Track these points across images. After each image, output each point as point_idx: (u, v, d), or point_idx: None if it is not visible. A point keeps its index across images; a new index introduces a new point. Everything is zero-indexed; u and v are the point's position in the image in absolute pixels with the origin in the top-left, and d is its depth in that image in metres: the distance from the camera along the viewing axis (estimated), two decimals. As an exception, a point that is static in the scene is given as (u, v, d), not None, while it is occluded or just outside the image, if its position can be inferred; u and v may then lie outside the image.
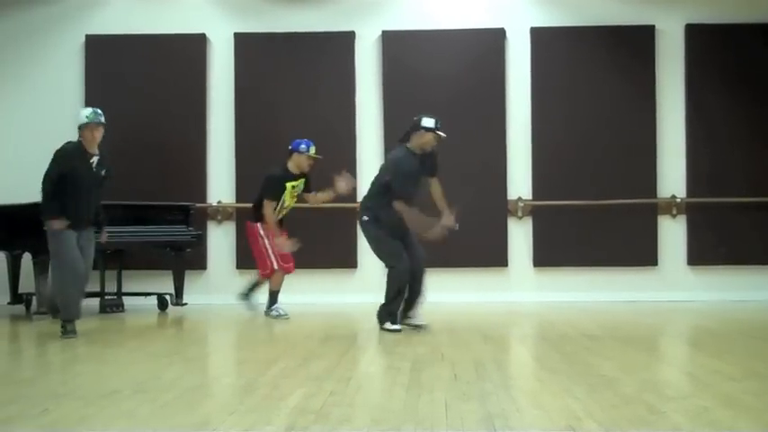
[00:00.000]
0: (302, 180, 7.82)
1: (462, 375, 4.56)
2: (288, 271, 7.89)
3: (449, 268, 8.96)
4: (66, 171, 6.39)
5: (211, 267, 9.63)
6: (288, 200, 7.78)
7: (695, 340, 6.68)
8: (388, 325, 6.62)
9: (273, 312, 7.82)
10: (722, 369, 4.74)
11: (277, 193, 7.66)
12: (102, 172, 6.58)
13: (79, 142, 6.54)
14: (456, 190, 9.03)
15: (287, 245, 7.61)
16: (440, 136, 6.74)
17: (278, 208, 7.71)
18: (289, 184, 7.71)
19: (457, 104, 9.40)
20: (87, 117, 6.53)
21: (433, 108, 9.38)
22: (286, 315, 7.75)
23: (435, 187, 6.87)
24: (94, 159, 6.55)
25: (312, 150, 7.78)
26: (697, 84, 9.48)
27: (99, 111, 6.61)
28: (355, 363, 5.26)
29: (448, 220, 6.60)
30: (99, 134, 6.56)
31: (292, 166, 7.75)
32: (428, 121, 6.77)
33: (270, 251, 7.77)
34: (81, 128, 6.55)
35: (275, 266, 7.79)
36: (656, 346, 6.38)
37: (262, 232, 7.78)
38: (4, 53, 9.81)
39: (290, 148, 7.79)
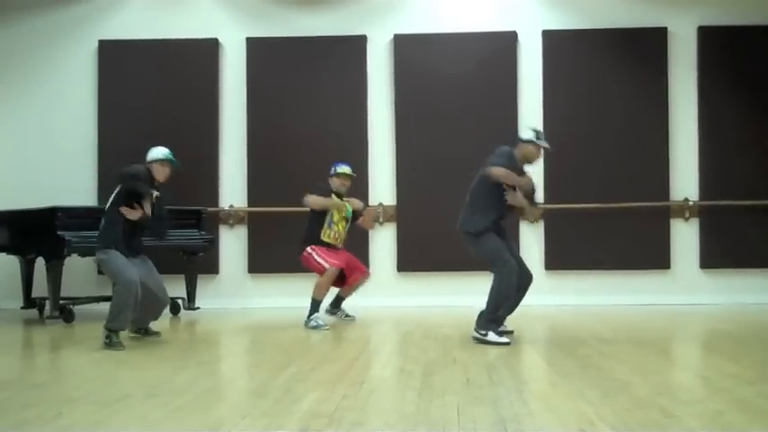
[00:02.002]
0: (348, 207, 7.73)
1: (475, 379, 4.55)
2: (337, 266, 7.50)
3: (463, 272, 8.95)
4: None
5: (223, 271, 9.65)
6: (336, 216, 7.64)
7: (709, 344, 6.65)
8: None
9: (312, 323, 7.40)
10: (736, 373, 4.72)
11: (322, 192, 7.60)
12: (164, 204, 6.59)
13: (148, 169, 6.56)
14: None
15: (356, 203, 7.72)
16: (541, 147, 6.39)
17: (326, 224, 7.59)
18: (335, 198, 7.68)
19: (468, 107, 9.41)
20: (164, 155, 6.60)
21: (445, 110, 9.45)
22: (326, 327, 7.33)
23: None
24: (157, 194, 6.51)
25: (340, 169, 7.75)
26: (709, 86, 9.45)
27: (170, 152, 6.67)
28: (368, 366, 5.26)
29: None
30: (167, 172, 6.63)
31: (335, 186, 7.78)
32: (527, 133, 6.45)
33: (317, 257, 7.51)
34: (153, 161, 6.59)
35: (326, 266, 7.44)
36: (670, 349, 6.35)
37: (309, 250, 7.57)
38: (18, 58, 9.87)
39: None
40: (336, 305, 8.03)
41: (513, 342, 6.16)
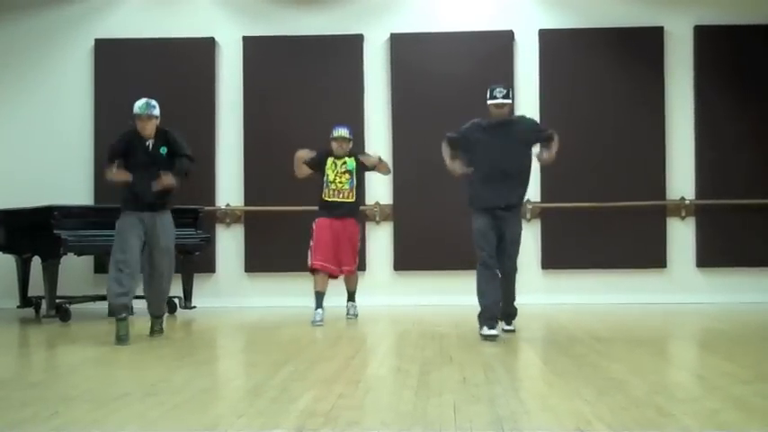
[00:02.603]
0: (349, 161, 7.86)
1: (471, 378, 4.55)
2: (326, 269, 7.63)
3: (460, 271, 8.96)
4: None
5: (220, 270, 9.65)
6: (332, 175, 7.79)
7: (705, 342, 6.66)
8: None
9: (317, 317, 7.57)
10: (732, 371, 4.73)
11: (314, 161, 7.79)
12: (161, 150, 6.53)
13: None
14: (463, 193, 9.04)
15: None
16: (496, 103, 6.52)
17: (324, 184, 7.77)
18: (329, 160, 7.80)
19: (465, 106, 9.36)
20: (137, 108, 6.53)
21: (442, 110, 9.44)
22: (320, 323, 7.45)
23: None
24: (149, 142, 6.53)
25: (335, 132, 7.88)
26: (706, 85, 9.46)
27: (152, 102, 6.58)
28: (364, 365, 5.26)
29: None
30: (149, 126, 6.54)
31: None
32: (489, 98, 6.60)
33: (311, 244, 7.68)
34: (132, 120, 6.55)
35: (309, 262, 7.63)
36: (666, 348, 6.37)
37: (314, 226, 7.76)
38: (14, 57, 9.85)
39: None
40: (350, 298, 8.16)
41: (503, 340, 6.16)
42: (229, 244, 9.66)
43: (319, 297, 7.64)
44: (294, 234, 9.41)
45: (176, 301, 8.78)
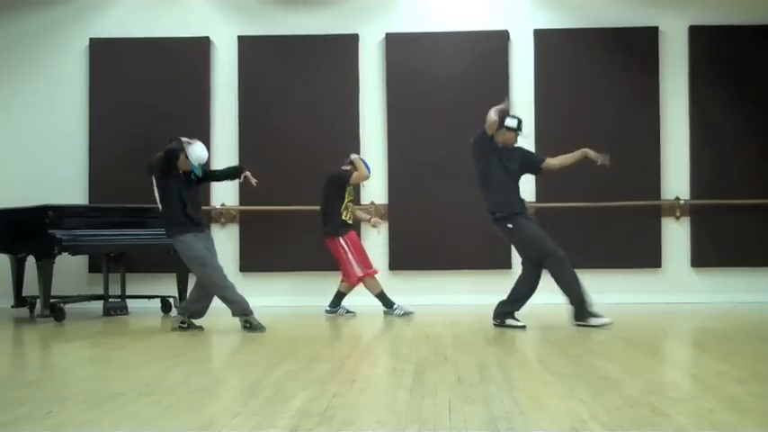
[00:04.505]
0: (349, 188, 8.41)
1: (466, 378, 4.56)
2: (371, 275, 8.28)
3: (455, 270, 8.97)
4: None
5: (215, 270, 9.62)
6: (348, 200, 8.37)
7: (699, 342, 6.67)
8: (593, 320, 6.88)
9: (398, 311, 8.21)
10: (727, 371, 4.73)
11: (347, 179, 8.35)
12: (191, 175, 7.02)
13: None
14: (461, 193, 9.05)
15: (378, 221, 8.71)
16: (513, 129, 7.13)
17: (345, 206, 8.29)
18: (348, 188, 8.39)
19: (460, 106, 9.41)
20: (195, 159, 6.94)
21: (437, 110, 9.45)
22: (411, 312, 8.18)
23: None
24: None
25: (364, 172, 8.42)
26: (701, 85, 9.47)
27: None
28: (359, 365, 5.26)
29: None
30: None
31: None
32: (511, 122, 7.13)
33: (353, 261, 8.18)
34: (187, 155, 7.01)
35: (359, 274, 8.18)
36: (661, 348, 6.38)
37: (342, 242, 8.19)
38: (8, 57, 9.83)
39: None
40: (336, 303, 8.41)
41: (498, 340, 6.16)
42: (224, 244, 9.60)
43: (384, 295, 8.28)
44: (289, 234, 9.43)
45: (171, 300, 8.78)
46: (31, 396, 4.17)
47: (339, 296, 8.39)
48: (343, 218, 8.26)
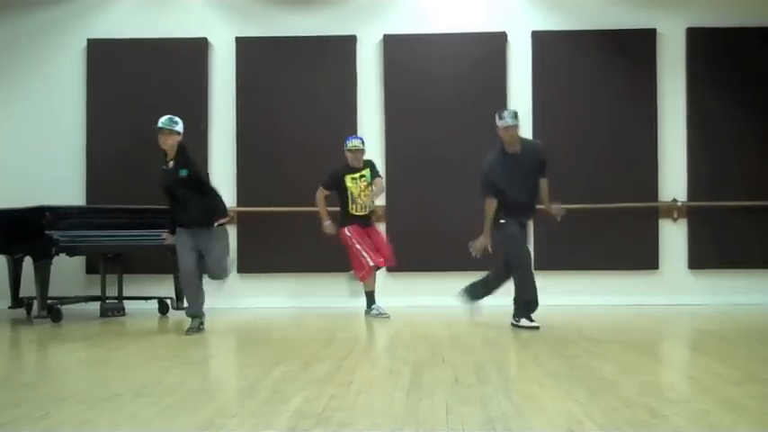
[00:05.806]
0: (365, 172, 8.26)
1: (463, 379, 4.56)
2: (380, 265, 8.16)
3: (453, 272, 8.96)
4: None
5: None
6: (355, 191, 8.19)
7: (696, 344, 6.68)
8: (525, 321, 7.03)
9: (374, 311, 8.15)
10: (723, 372, 4.74)
11: (329, 183, 8.21)
12: (182, 173, 6.89)
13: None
14: (459, 194, 9.06)
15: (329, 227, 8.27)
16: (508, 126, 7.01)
17: (349, 200, 8.17)
18: (348, 177, 8.19)
19: (458, 108, 9.42)
20: (161, 122, 6.88)
21: (435, 111, 9.45)
22: (386, 315, 8.07)
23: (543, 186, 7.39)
24: (170, 163, 6.89)
25: (350, 144, 8.26)
26: (698, 87, 9.48)
27: (175, 118, 6.89)
28: (356, 366, 5.26)
29: (557, 211, 7.37)
30: (169, 140, 6.87)
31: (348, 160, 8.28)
32: (503, 122, 7.06)
33: (362, 250, 8.07)
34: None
35: (371, 263, 8.05)
36: (657, 349, 6.38)
37: (348, 233, 8.13)
38: (6, 57, 9.82)
39: None
40: (370, 303, 8.31)
41: (496, 342, 6.17)
42: (222, 245, 9.62)
43: (371, 295, 8.20)
44: (287, 235, 9.42)
45: (168, 301, 8.78)
46: (28, 397, 4.17)
47: (369, 296, 8.26)
48: (351, 211, 8.19)
